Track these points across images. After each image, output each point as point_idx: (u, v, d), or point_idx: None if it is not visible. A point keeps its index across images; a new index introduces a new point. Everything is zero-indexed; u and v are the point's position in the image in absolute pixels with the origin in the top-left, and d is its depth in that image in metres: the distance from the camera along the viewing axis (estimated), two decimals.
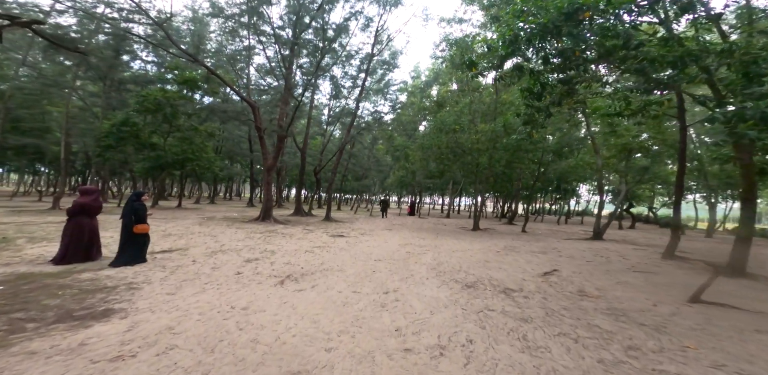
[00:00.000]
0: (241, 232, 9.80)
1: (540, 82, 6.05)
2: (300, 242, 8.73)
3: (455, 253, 8.25)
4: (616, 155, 12.53)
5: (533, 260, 7.49)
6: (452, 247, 9.31)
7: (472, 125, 13.62)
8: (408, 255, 7.63)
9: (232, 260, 6.07)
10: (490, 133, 12.22)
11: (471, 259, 7.48)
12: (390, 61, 20.39)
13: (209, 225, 11.10)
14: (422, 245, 9.31)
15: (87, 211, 5.22)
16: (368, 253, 7.56)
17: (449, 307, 4.13)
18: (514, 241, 11.03)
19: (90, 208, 5.24)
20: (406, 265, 6.54)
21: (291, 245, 8.15)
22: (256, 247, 7.61)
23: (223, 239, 8.34)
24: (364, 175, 30.36)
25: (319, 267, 5.98)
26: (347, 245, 8.62)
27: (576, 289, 4.99)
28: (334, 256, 7.02)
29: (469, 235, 12.83)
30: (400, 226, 15.03)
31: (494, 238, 12.02)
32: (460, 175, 16.50)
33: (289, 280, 4.98)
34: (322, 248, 7.98)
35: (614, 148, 11.96)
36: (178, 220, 11.96)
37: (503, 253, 8.42)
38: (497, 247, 9.40)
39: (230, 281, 4.71)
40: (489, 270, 6.35)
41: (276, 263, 6.05)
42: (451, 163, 15.23)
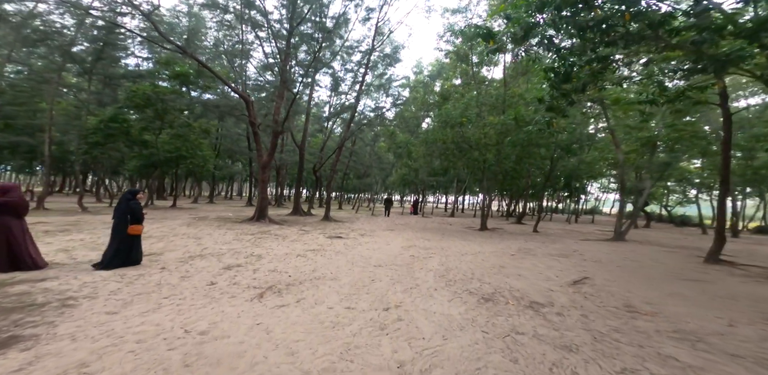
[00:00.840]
0: (230, 234, 9.00)
1: (568, 61, 5.14)
2: (293, 245, 7.90)
3: (465, 256, 7.38)
4: (637, 150, 11.56)
5: (555, 265, 6.60)
6: (460, 249, 8.44)
7: (479, 119, 12.73)
8: (412, 259, 6.78)
9: (210, 267, 5.25)
10: (500, 126, 11.31)
11: (483, 264, 6.60)
12: (391, 55, 19.53)
13: (198, 226, 10.33)
14: (427, 248, 8.44)
15: (5, 211, 4.25)
16: (367, 258, 6.72)
17: (466, 330, 3.27)
18: (527, 242, 10.13)
19: (8, 208, 4.28)
20: (410, 271, 5.69)
21: (282, 248, 7.33)
22: (243, 250, 6.79)
23: (207, 242, 7.54)
24: (365, 174, 29.53)
25: (309, 275, 5.15)
26: (345, 248, 7.78)
27: (621, 303, 4.11)
28: (329, 262, 6.19)
29: (477, 235, 11.94)
30: (403, 226, 14.17)
31: (505, 239, 11.12)
32: (466, 173, 15.59)
33: (270, 293, 4.15)
34: (316, 252, 7.15)
35: (637, 142, 11.00)
36: (167, 221, 11.21)
37: (519, 256, 7.53)
38: (510, 250, 8.51)
39: (197, 294, 3.88)
40: (507, 278, 5.47)
41: (260, 270, 5.23)
42: (457, 160, 14.35)
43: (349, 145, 27.76)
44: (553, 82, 5.55)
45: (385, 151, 29.54)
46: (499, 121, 11.21)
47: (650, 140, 10.45)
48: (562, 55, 5.03)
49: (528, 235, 12.38)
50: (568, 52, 5.04)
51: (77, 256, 5.39)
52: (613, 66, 5.36)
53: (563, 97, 5.84)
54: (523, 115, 10.71)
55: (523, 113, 10.73)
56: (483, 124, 12.05)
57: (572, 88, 5.81)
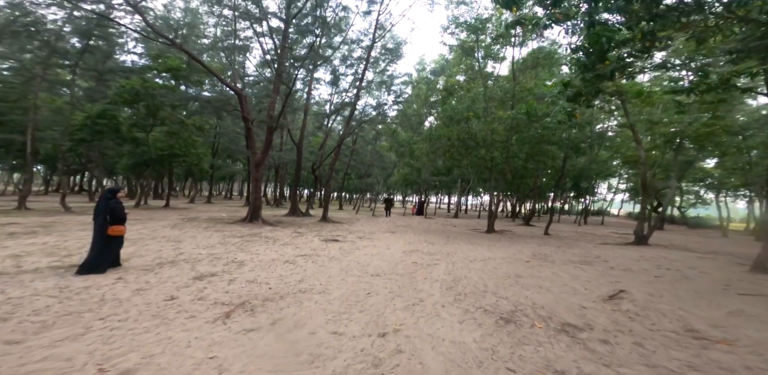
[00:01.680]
0: (216, 236, 8.25)
1: (604, 36, 4.32)
2: (283, 249, 7.13)
3: (474, 263, 6.56)
4: (659, 146, 10.69)
5: (579, 275, 5.76)
6: (468, 254, 7.62)
7: (486, 114, 11.91)
8: (414, 267, 5.97)
9: (177, 277, 4.48)
10: (510, 121, 10.49)
11: (496, 272, 5.78)
12: (393, 49, 18.80)
13: (183, 227, 9.59)
14: (431, 253, 7.63)
15: None
16: (364, 265, 5.93)
17: (486, 367, 2.48)
18: (540, 246, 9.28)
19: None
20: (412, 282, 4.89)
21: (270, 253, 6.56)
22: (224, 256, 6.02)
23: (186, 246, 6.79)
24: (366, 174, 28.78)
25: (294, 287, 4.37)
26: (340, 253, 7.00)
27: (679, 326, 3.28)
28: (320, 270, 5.41)
29: (485, 238, 11.11)
30: (405, 228, 13.36)
31: (515, 242, 10.27)
32: (472, 172, 14.77)
33: (241, 311, 3.37)
34: (307, 257, 6.37)
35: (660, 138, 10.13)
36: (152, 222, 10.49)
37: (535, 263, 6.70)
38: (524, 255, 7.68)
39: (146, 314, 3.11)
40: (526, 290, 4.66)
41: (236, 281, 4.46)
42: (462, 158, 13.53)
43: (349, 143, 27.06)
44: (583, 63, 4.75)
45: (386, 150, 28.78)
46: (509, 115, 10.40)
47: (676, 136, 9.56)
48: (597, 31, 4.22)
49: (539, 238, 11.51)
50: (602, 29, 4.23)
51: (25, 264, 4.65)
52: (657, 44, 4.55)
53: (595, 79, 5.01)
54: (536, 109, 9.90)
55: (535, 107, 9.92)
56: (491, 119, 11.24)
57: (600, 74, 5.01)
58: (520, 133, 10.75)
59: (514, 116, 10.33)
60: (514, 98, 12.72)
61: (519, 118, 10.34)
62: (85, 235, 7.17)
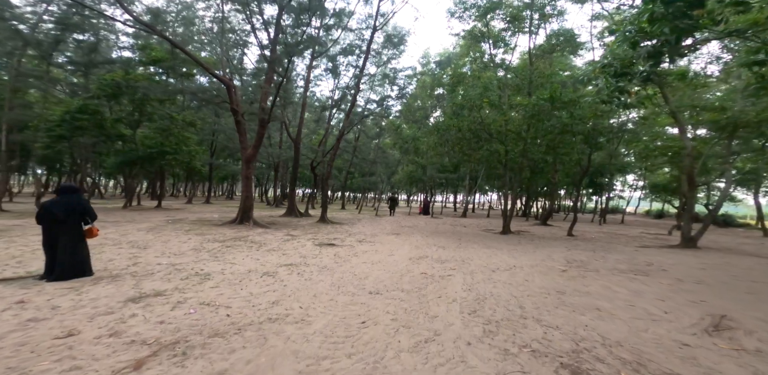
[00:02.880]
0: (193, 241, 7.15)
1: None
2: (266, 257, 5.99)
3: (497, 274, 5.33)
4: (708, 135, 9.30)
5: (642, 289, 4.49)
6: (488, 261, 6.38)
7: (502, 102, 10.63)
8: (424, 280, 4.77)
9: (106, 298, 3.35)
10: (530, 107, 9.19)
11: (529, 287, 4.55)
12: (395, 37, 17.60)
13: (163, 230, 8.52)
14: (443, 259, 6.42)
15: None
16: (361, 278, 4.75)
17: None
18: (571, 250, 7.97)
19: None
20: (422, 303, 3.70)
21: (248, 262, 5.42)
22: (189, 267, 4.89)
23: (149, 254, 5.68)
24: (369, 172, 27.62)
25: (263, 312, 3.21)
26: (334, 261, 5.83)
27: None
28: (305, 285, 4.24)
29: (502, 240, 9.84)
30: (411, 229, 12.15)
31: (539, 245, 8.97)
32: (483, 168, 13.49)
33: (164, 358, 2.20)
34: (293, 268, 5.22)
35: (712, 125, 8.75)
36: (131, 225, 9.44)
37: (575, 274, 5.43)
38: (556, 262, 6.41)
39: (2, 364, 1.96)
40: (581, 314, 3.43)
41: (184, 305, 3.31)
42: (473, 152, 12.27)
43: (352, 140, 25.94)
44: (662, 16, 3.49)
45: (390, 147, 27.59)
46: (530, 102, 9.10)
47: (731, 123, 8.13)
48: None
49: (565, 241, 10.16)
50: None
51: None
52: None
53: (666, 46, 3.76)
54: (561, 93, 8.63)
55: (560, 91, 8.65)
56: (509, 107, 9.96)
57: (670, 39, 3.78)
58: (541, 122, 9.47)
59: (535, 103, 9.04)
60: (530, 85, 11.43)
61: (540, 105, 9.05)
62: (35, 241, 6.12)
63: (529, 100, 9.15)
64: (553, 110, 9.19)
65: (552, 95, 8.70)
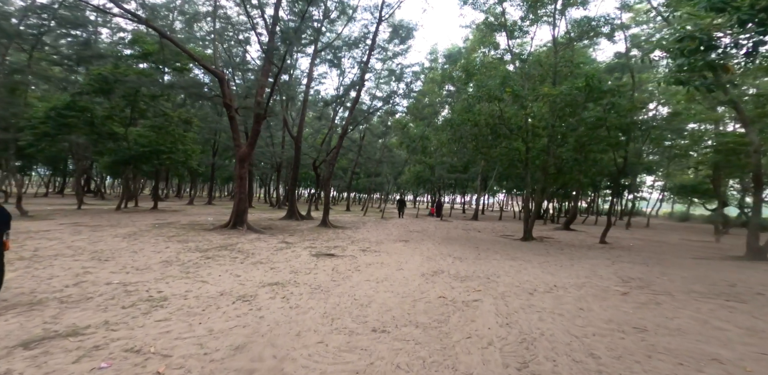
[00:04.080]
0: (169, 251, 6.18)
1: None
2: (250, 272, 4.97)
3: (538, 298, 4.20)
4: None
5: (759, 326, 3.30)
6: (519, 278, 5.25)
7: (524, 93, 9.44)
8: (444, 308, 3.68)
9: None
10: (562, 99, 7.97)
11: (590, 320, 3.41)
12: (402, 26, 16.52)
13: (141, 237, 7.59)
14: (464, 276, 5.31)
15: None
16: (363, 304, 3.68)
17: None
18: (616, 263, 6.72)
19: None
20: (445, 348, 2.61)
21: (224, 281, 4.40)
22: (144, 288, 3.89)
23: (105, 268, 4.70)
24: (375, 172, 26.56)
25: (214, 369, 2.16)
26: (331, 279, 4.78)
27: None
28: (287, 317, 3.19)
29: (526, 249, 8.66)
30: (420, 235, 11.04)
31: (573, 256, 7.74)
32: (500, 166, 12.31)
33: None
34: (278, 289, 4.18)
35: None
36: (110, 229, 8.56)
37: (643, 298, 4.26)
38: (607, 280, 5.23)
39: None
40: (697, 371, 2.28)
41: (98, 353, 2.28)
42: (488, 150, 11.11)
43: (357, 139, 24.94)
44: None
45: (396, 146, 26.52)
46: (560, 92, 7.89)
47: None
48: None
49: (601, 250, 8.83)
50: None
51: None
52: None
53: None
54: (599, 81, 7.46)
55: (598, 79, 7.49)
56: (534, 98, 8.79)
57: None
58: (571, 115, 8.29)
59: (568, 93, 7.84)
60: (555, 75, 10.23)
61: (573, 95, 7.85)
62: None
63: (560, 90, 7.94)
64: (587, 101, 7.99)
65: (588, 83, 7.51)
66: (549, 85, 8.87)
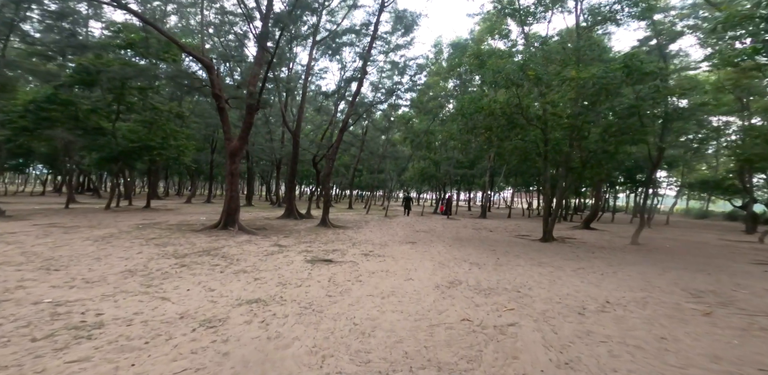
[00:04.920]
0: (141, 257, 5.32)
1: None
2: (228, 285, 4.09)
3: (592, 319, 3.27)
4: None
5: None
6: (554, 290, 4.32)
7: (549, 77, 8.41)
8: (472, 337, 2.75)
9: None
10: (597, 81, 6.91)
11: (688, 356, 2.48)
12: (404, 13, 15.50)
13: (116, 239, 6.75)
14: (487, 288, 4.39)
15: None
16: (365, 332, 2.77)
17: None
18: (667, 271, 5.69)
19: None
20: None
21: (192, 297, 3.52)
22: (81, 309, 3.02)
23: (51, 280, 3.85)
24: (378, 169, 25.64)
25: None
26: (326, 294, 3.88)
27: None
28: (261, 354, 2.28)
29: (551, 252, 7.70)
30: (427, 235, 10.13)
31: (610, 261, 6.74)
32: (513, 160, 11.31)
33: None
34: (258, 308, 3.30)
35: None
36: (88, 231, 7.74)
37: (736, 321, 3.32)
38: (670, 293, 4.29)
39: None
40: None
41: None
42: (501, 142, 10.12)
43: (359, 134, 24.02)
44: None
45: (400, 142, 25.57)
46: (592, 75, 6.84)
47: None
48: None
49: (638, 253, 7.72)
50: None
51: None
52: None
53: None
54: (642, 62, 6.45)
55: (641, 59, 6.48)
56: (560, 82, 7.77)
57: None
58: (606, 101, 7.28)
59: (602, 75, 6.78)
60: (579, 60, 9.21)
61: (608, 78, 6.79)
62: None
63: (592, 73, 6.89)
64: (623, 86, 6.96)
65: (628, 64, 6.48)
66: (575, 69, 7.84)
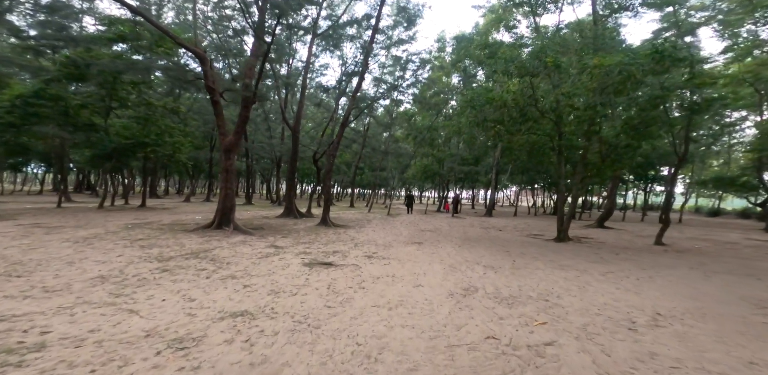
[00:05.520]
0: (121, 260, 4.82)
1: None
2: (212, 293, 3.58)
3: (648, 336, 2.72)
4: None
5: None
6: (588, 298, 3.78)
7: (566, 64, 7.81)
8: (502, 360, 2.22)
9: None
10: (624, 68, 6.27)
11: None
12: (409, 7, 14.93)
13: (100, 241, 6.26)
14: (508, 296, 3.85)
15: None
16: (370, 353, 2.23)
17: None
18: (711, 275, 5.06)
19: None
20: None
21: (167, 310, 3.00)
22: (28, 324, 2.50)
23: (6, 289, 3.34)
24: (380, 166, 25.11)
25: None
26: (324, 304, 3.36)
27: None
28: None
29: (570, 254, 7.14)
30: (434, 235, 9.59)
31: (640, 263, 6.15)
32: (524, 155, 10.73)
33: None
34: (242, 323, 2.78)
35: None
36: (72, 231, 7.26)
37: None
38: (727, 303, 3.74)
39: None
40: None
41: None
42: (511, 136, 9.52)
43: (361, 131, 23.46)
44: None
45: (402, 139, 25.01)
46: (619, 61, 6.20)
47: None
48: None
49: (670, 255, 7.04)
50: None
51: None
52: None
53: None
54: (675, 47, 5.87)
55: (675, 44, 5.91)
56: (580, 70, 7.17)
57: None
58: (634, 89, 6.69)
59: (630, 62, 6.16)
60: (598, 48, 8.61)
61: (638, 64, 6.18)
62: None
63: (618, 60, 6.24)
64: (652, 74, 6.35)
65: (659, 50, 5.87)
66: (597, 56, 7.23)
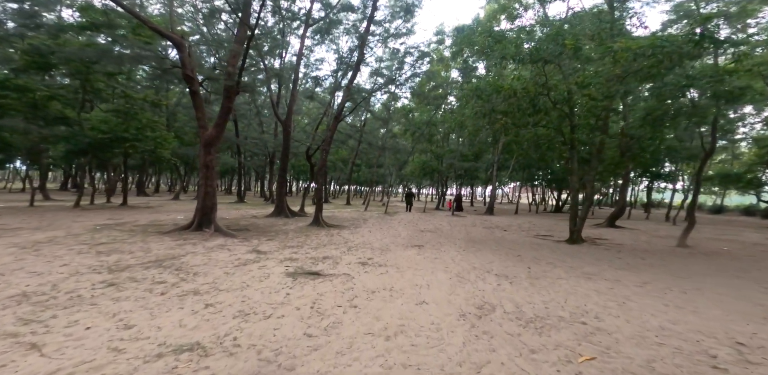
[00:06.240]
0: (65, 270, 4.02)
1: None
2: (159, 318, 2.79)
3: None
4: None
5: None
6: (641, 322, 3.07)
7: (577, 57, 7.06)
8: None
9: None
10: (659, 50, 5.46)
11: None
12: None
13: (54, 244, 5.44)
14: (533, 317, 3.12)
15: None
16: None
17: None
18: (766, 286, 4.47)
19: None
20: None
21: (86, 344, 2.21)
22: None
23: None
24: (377, 163, 24.29)
25: None
26: (303, 332, 2.59)
27: None
28: None
29: (591, 258, 6.43)
30: (435, 236, 8.86)
31: (675, 272, 5.40)
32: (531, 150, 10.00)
33: None
34: (186, 365, 1.98)
35: None
36: (28, 234, 6.42)
37: None
38: None
39: None
40: None
41: None
42: (518, 129, 8.77)
43: (357, 124, 22.62)
44: None
45: (400, 135, 24.22)
46: (651, 43, 5.38)
47: None
48: None
49: (702, 260, 6.26)
50: None
51: None
52: None
53: None
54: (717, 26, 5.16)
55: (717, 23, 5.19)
56: (601, 55, 6.41)
57: None
58: (667, 73, 5.96)
59: (665, 44, 5.38)
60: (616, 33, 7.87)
61: (675, 45, 5.42)
62: None
63: (650, 41, 5.43)
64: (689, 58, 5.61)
65: (699, 32, 5.11)
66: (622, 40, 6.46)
